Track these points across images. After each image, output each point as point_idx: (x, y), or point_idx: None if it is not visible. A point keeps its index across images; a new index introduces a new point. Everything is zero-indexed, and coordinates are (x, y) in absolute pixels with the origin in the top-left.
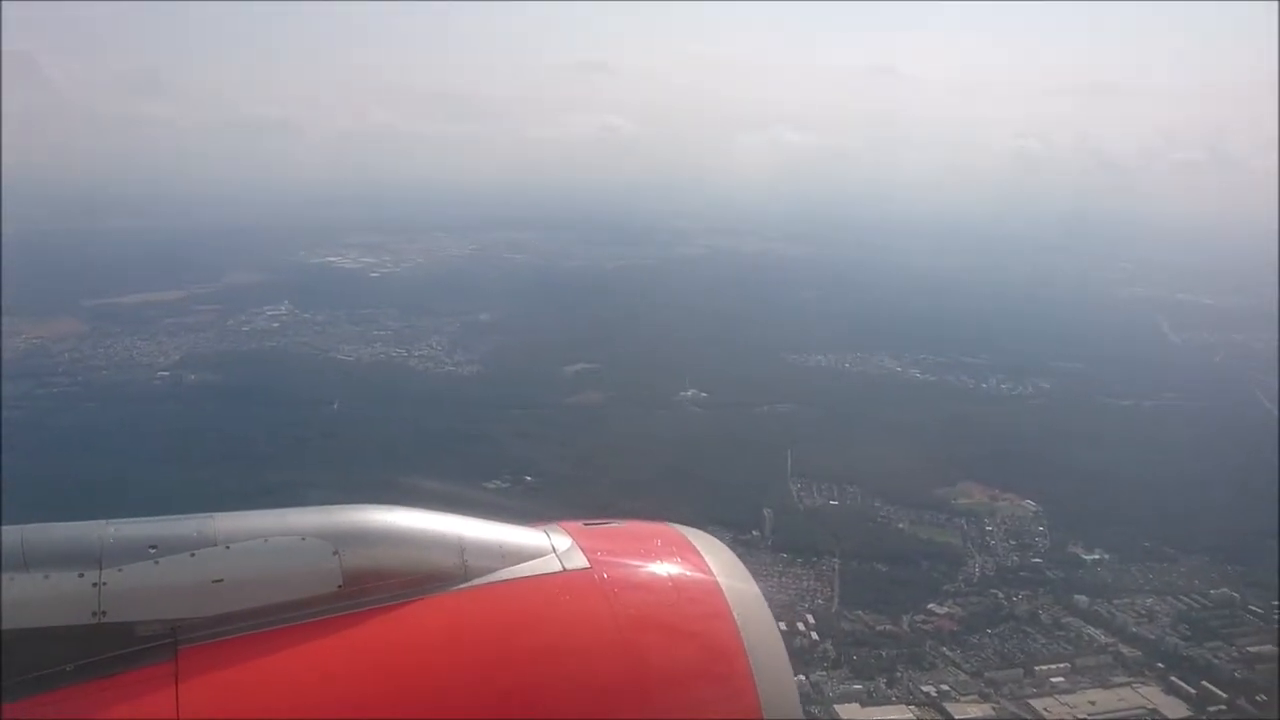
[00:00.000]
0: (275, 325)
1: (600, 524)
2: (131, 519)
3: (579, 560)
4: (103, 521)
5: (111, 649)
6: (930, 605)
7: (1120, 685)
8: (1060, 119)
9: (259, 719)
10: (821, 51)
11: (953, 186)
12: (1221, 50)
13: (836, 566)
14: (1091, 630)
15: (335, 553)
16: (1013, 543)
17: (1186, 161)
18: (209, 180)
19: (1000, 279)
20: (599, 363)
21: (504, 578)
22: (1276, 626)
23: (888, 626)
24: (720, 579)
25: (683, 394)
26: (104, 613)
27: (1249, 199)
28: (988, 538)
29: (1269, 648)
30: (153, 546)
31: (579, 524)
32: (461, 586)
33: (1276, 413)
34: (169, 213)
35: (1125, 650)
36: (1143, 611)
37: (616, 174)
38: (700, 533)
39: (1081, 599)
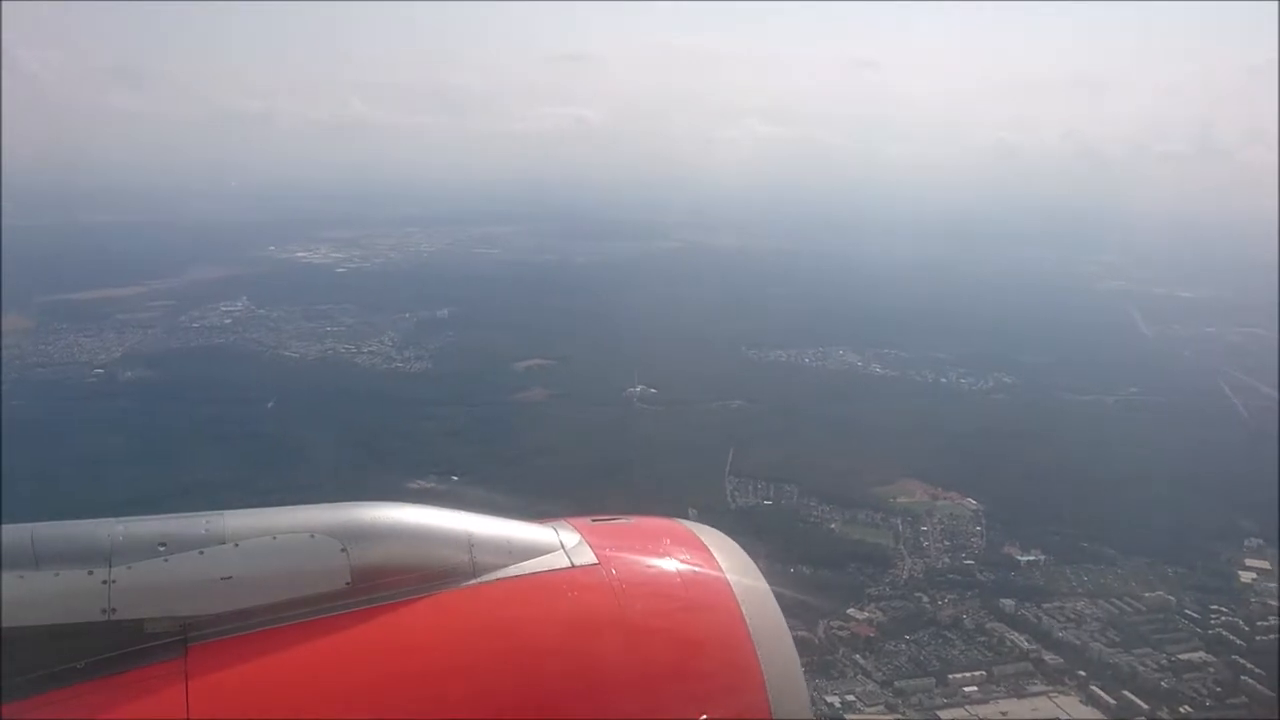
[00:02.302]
0: (228, 322)
1: (608, 520)
2: (141, 517)
3: (587, 556)
4: (112, 519)
5: (122, 646)
6: (850, 610)
7: (1036, 695)
8: (1045, 113)
9: (269, 716)
10: (803, 45)
11: (936, 181)
12: (1206, 44)
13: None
14: (1014, 636)
15: (343, 550)
16: (947, 543)
17: (1171, 154)
18: (188, 174)
19: (979, 273)
20: (553, 359)
21: (513, 574)
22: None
23: (801, 633)
24: (729, 575)
25: (630, 390)
26: (114, 610)
27: (1233, 192)
28: (922, 538)
29: (1200, 655)
30: (162, 544)
31: (587, 520)
32: (470, 583)
33: (1241, 407)
34: (145, 207)
35: (1048, 657)
36: (1072, 616)
37: (596, 168)
38: (709, 529)
39: (1008, 603)
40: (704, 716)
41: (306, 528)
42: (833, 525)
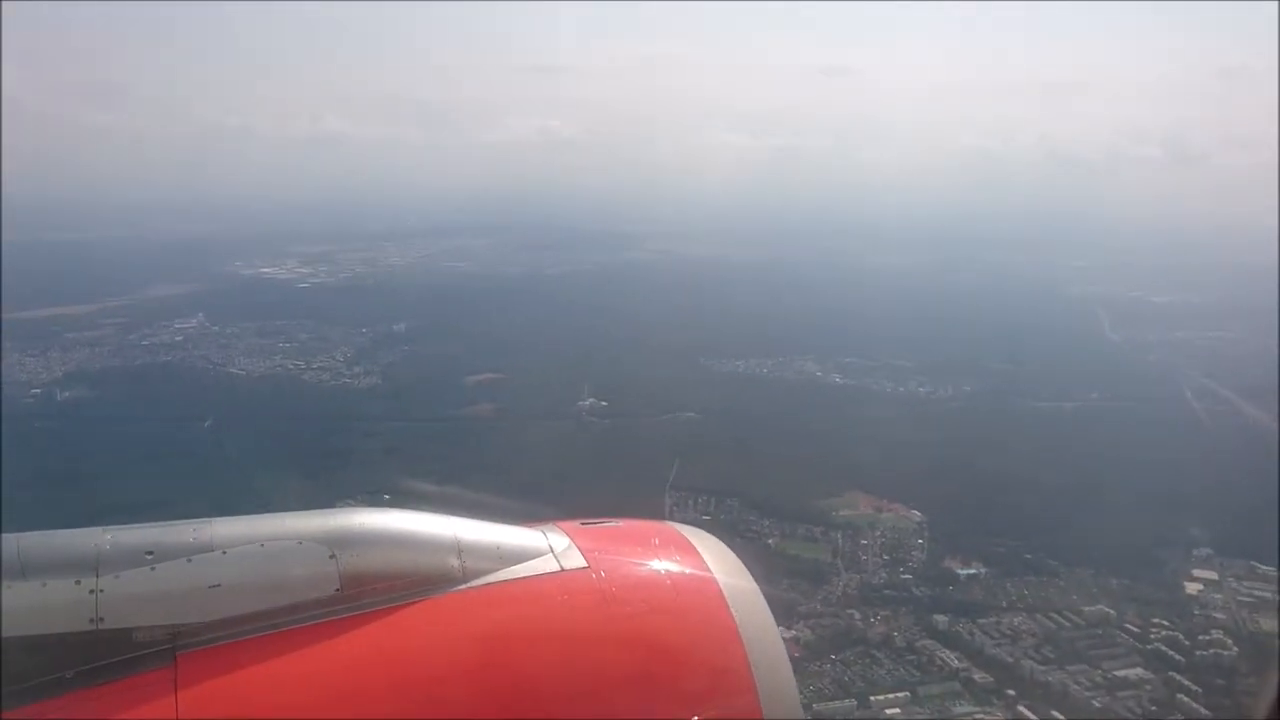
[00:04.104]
0: (179, 339)
1: (597, 523)
2: (128, 525)
3: (576, 560)
4: (99, 528)
5: (110, 655)
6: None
7: (961, 716)
8: (1021, 118)
9: None
10: (778, 52)
11: (911, 186)
12: (1183, 44)
13: None
14: (945, 654)
15: (332, 556)
16: (886, 558)
17: (1146, 158)
18: (165, 189)
19: (952, 280)
20: (507, 372)
21: (502, 578)
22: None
23: None
24: (718, 577)
25: (580, 403)
26: (102, 619)
27: (1208, 196)
28: (860, 552)
29: (1137, 671)
30: (149, 552)
31: (576, 523)
32: (460, 588)
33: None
34: (114, 224)
35: (977, 676)
36: (1007, 632)
37: (573, 178)
38: (699, 531)
39: (941, 619)
40: (695, 718)
41: (295, 534)
42: (770, 540)
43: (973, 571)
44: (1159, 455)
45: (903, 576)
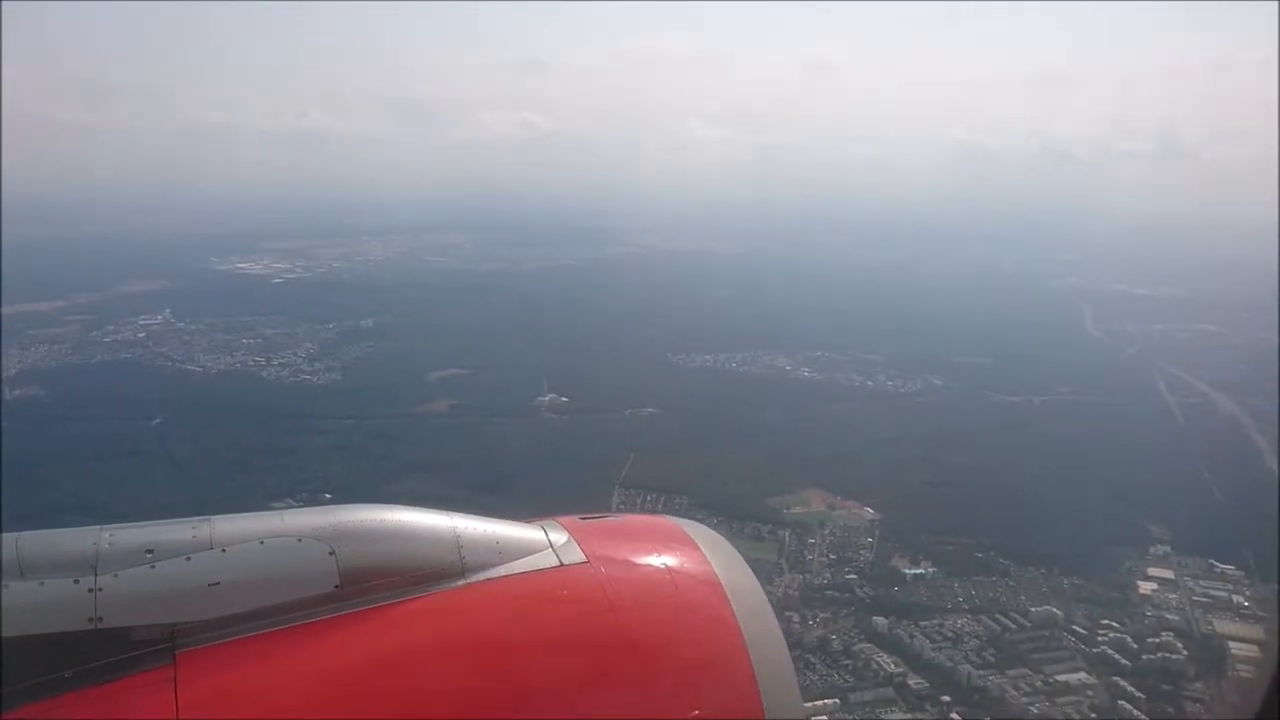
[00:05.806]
0: (142, 335)
1: (598, 518)
2: (127, 524)
3: (576, 555)
4: (98, 527)
5: (109, 655)
6: None
7: None
8: (1011, 114)
9: None
10: (765, 48)
11: (900, 183)
12: (1170, 41)
13: None
14: (882, 658)
15: (332, 553)
16: (833, 557)
17: (1136, 152)
18: (147, 186)
19: (936, 274)
20: (472, 368)
21: (502, 573)
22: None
23: None
24: (719, 571)
25: (540, 399)
26: (100, 618)
27: (1197, 190)
28: (807, 551)
29: (1080, 676)
30: (149, 551)
31: (576, 518)
32: (460, 583)
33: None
34: (98, 220)
35: (913, 681)
36: (949, 634)
37: (559, 174)
38: (699, 525)
39: (881, 621)
40: (696, 713)
41: (294, 531)
42: None
43: (920, 571)
44: (1126, 449)
45: (848, 576)
